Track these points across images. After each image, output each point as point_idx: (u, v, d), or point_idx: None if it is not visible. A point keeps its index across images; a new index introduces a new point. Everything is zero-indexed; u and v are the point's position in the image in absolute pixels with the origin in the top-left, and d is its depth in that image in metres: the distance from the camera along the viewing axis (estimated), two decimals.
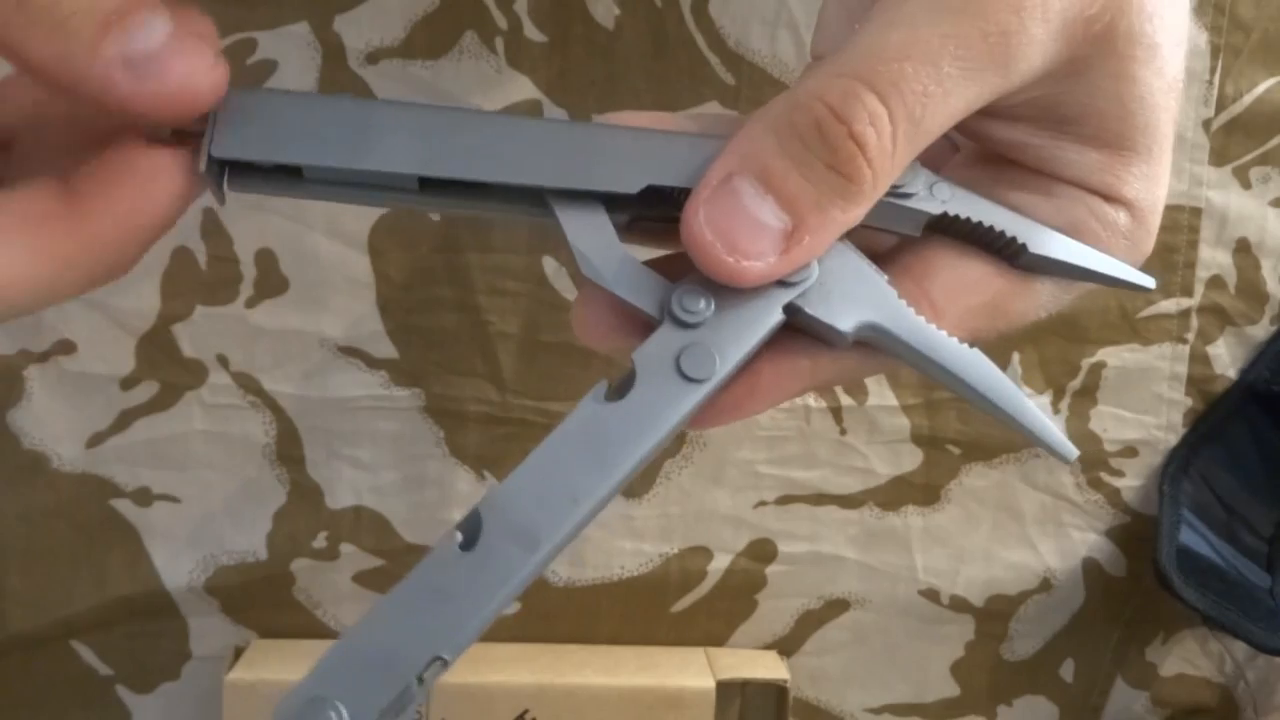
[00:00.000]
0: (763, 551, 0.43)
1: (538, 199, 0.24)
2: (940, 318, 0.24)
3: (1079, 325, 0.42)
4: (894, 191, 0.24)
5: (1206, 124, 0.41)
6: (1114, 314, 0.42)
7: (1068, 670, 0.45)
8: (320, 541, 0.40)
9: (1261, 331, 0.43)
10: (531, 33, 0.38)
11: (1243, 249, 0.43)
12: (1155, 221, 0.25)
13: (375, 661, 0.21)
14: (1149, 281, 0.25)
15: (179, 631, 0.40)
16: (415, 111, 0.23)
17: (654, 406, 0.23)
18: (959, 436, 0.42)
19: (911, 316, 0.24)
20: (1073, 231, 0.25)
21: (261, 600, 0.40)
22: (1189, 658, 0.46)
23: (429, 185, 0.25)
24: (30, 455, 0.39)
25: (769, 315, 0.23)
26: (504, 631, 0.42)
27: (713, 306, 0.23)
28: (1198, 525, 0.43)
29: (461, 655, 0.21)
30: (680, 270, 0.24)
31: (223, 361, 0.39)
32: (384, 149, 0.23)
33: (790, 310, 0.24)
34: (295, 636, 0.41)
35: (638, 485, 0.41)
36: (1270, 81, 0.42)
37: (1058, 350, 0.42)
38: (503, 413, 0.40)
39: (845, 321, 0.24)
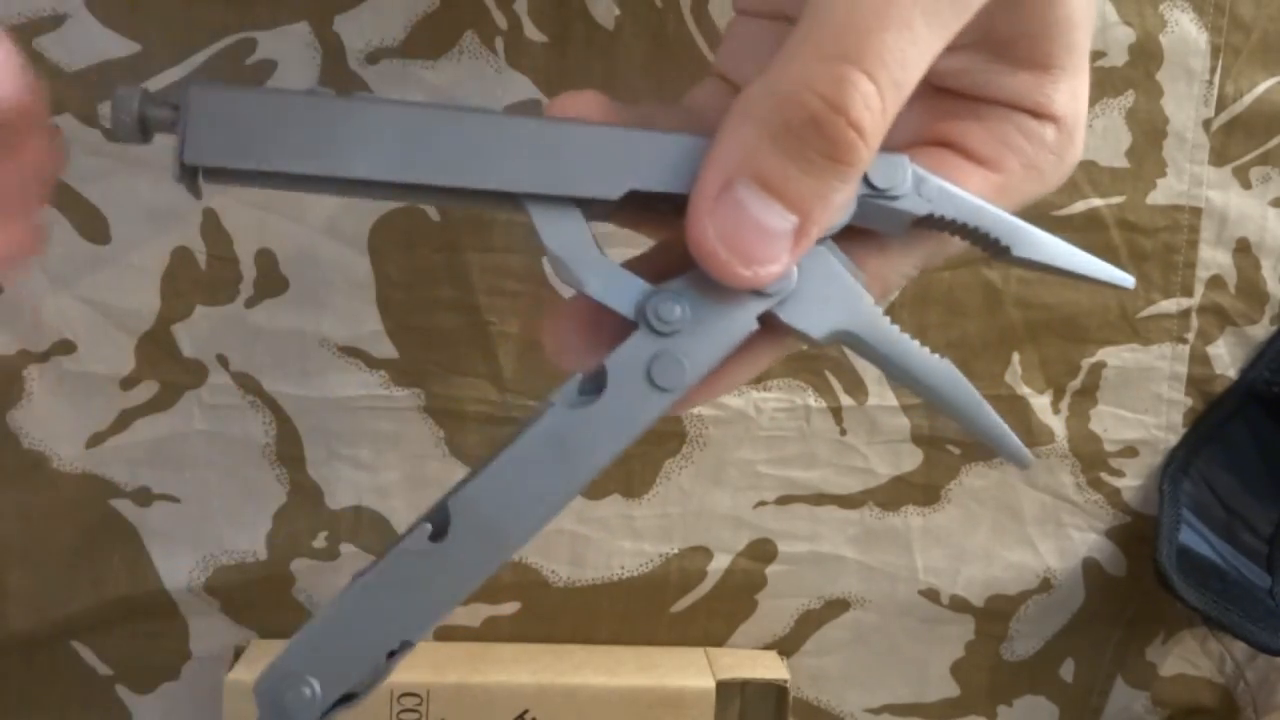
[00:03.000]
0: (763, 551, 0.43)
1: (516, 201, 0.24)
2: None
3: (1079, 325, 0.42)
4: (883, 194, 0.24)
5: (1206, 124, 0.41)
6: (1114, 314, 0.42)
7: (1068, 670, 0.45)
8: (320, 541, 0.40)
9: (1261, 331, 0.43)
10: (531, 32, 0.38)
11: (1243, 249, 0.43)
12: (1080, 134, 0.27)
13: (346, 642, 0.22)
14: (1128, 281, 0.27)
15: (179, 631, 0.40)
16: (389, 111, 0.23)
17: (622, 414, 0.23)
18: (959, 436, 0.42)
19: (885, 325, 0.24)
20: (1004, 148, 0.26)
21: (261, 600, 0.40)
22: (1189, 658, 0.46)
23: (405, 185, 0.25)
24: (30, 455, 0.38)
25: (744, 324, 0.24)
26: (504, 631, 0.42)
27: (688, 314, 0.24)
28: (1198, 525, 0.43)
29: (424, 634, 0.23)
30: (658, 267, 0.24)
31: (223, 361, 0.39)
32: (357, 155, 0.23)
33: (765, 318, 0.24)
34: None
35: (638, 485, 0.41)
36: (1270, 81, 0.42)
37: (1058, 350, 0.42)
38: (503, 413, 0.40)
39: (819, 329, 0.24)
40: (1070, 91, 0.26)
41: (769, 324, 0.24)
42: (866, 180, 0.24)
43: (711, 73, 0.29)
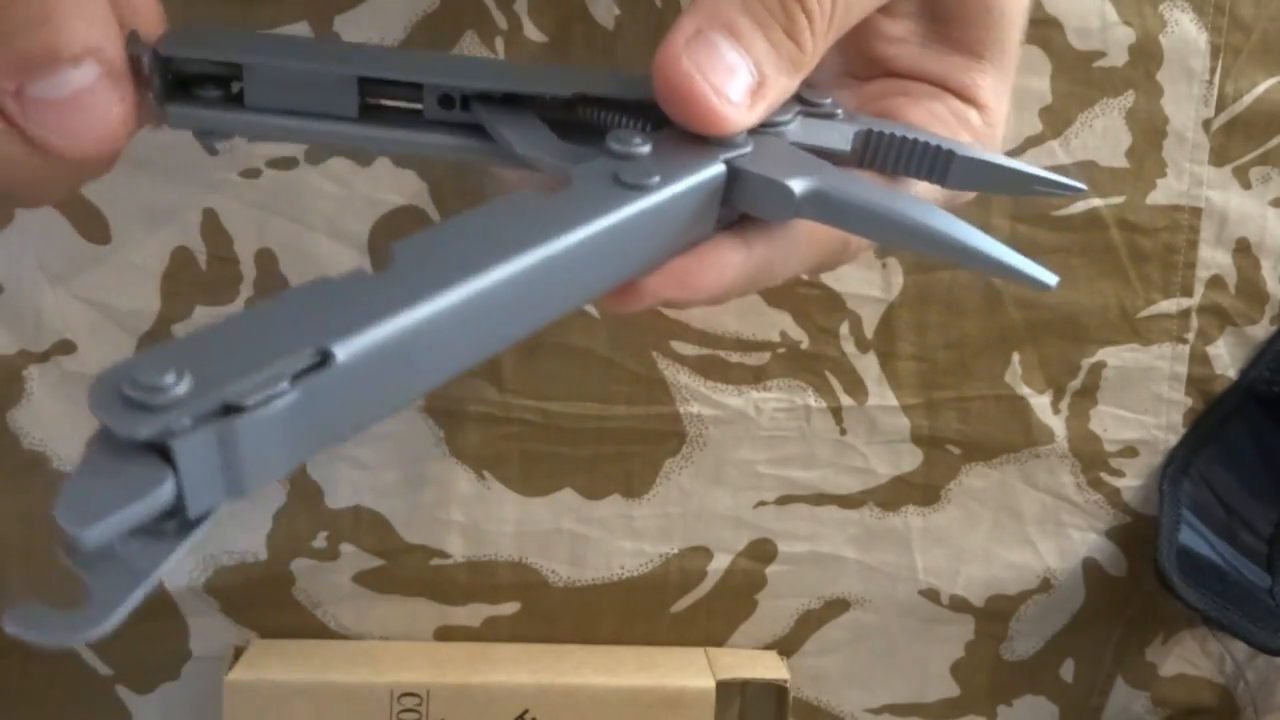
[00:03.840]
0: (763, 551, 0.43)
1: (471, 130, 0.25)
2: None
3: (1079, 325, 0.42)
4: (820, 109, 0.25)
5: (1206, 124, 0.41)
6: (1114, 314, 0.42)
7: (1068, 670, 0.45)
8: (320, 541, 0.40)
9: (1261, 331, 0.43)
10: (531, 33, 0.38)
11: (1243, 249, 0.43)
12: (1000, 131, 0.28)
13: (239, 345, 0.17)
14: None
15: (179, 631, 0.40)
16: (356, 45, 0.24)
17: (590, 202, 0.21)
18: (959, 436, 0.42)
19: (856, 179, 0.23)
20: (932, 120, 0.27)
21: (261, 600, 0.40)
22: (1189, 658, 0.46)
23: (369, 114, 0.25)
24: (30, 455, 0.38)
25: (710, 165, 0.23)
26: (504, 631, 0.42)
27: (648, 148, 0.23)
28: (1198, 525, 0.43)
29: (352, 358, 0.17)
30: None
31: None
32: (325, 56, 0.24)
33: (732, 172, 0.23)
34: (295, 636, 0.41)
35: (638, 485, 0.41)
36: (1270, 81, 0.42)
37: (1058, 350, 0.42)
38: (503, 413, 0.40)
39: (790, 183, 0.23)
40: (994, 87, 0.28)
41: (736, 205, 0.23)
42: (801, 99, 0.25)
43: None
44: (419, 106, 0.25)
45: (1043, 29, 0.40)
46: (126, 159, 0.36)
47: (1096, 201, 0.41)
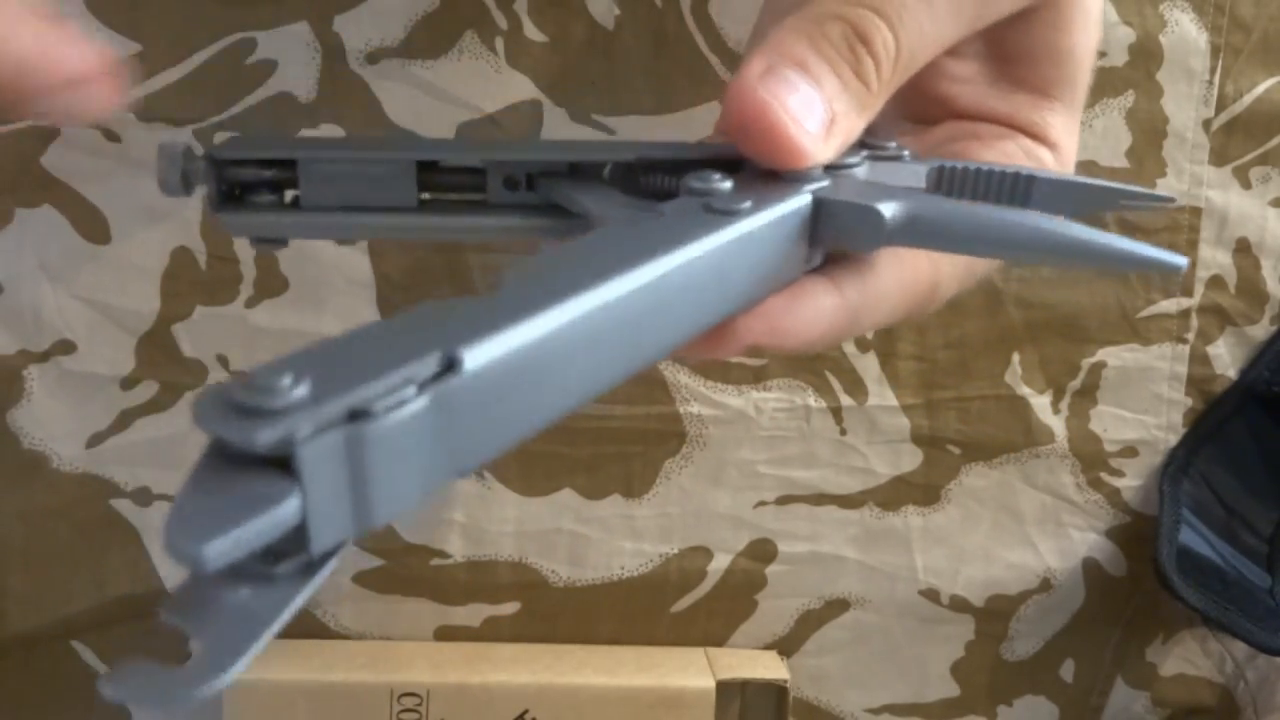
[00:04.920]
0: (763, 551, 0.43)
1: (538, 209, 0.24)
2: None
3: (1079, 325, 0.42)
4: (887, 152, 0.25)
5: (1206, 124, 0.41)
6: (1114, 314, 0.42)
7: (1068, 670, 0.45)
8: None
9: (1261, 331, 0.43)
10: (531, 32, 0.38)
11: (1243, 249, 0.43)
12: (1072, 169, 0.27)
13: (358, 353, 0.15)
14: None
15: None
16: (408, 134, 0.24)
17: (685, 227, 0.20)
18: (959, 436, 0.42)
19: (943, 199, 0.22)
20: (1003, 161, 0.26)
21: None
22: (1189, 658, 0.46)
23: (428, 204, 0.24)
24: (30, 455, 0.38)
25: (794, 196, 0.22)
26: (504, 631, 0.42)
27: (730, 183, 0.22)
28: (1198, 525, 0.43)
29: (481, 365, 0.16)
30: None
31: (223, 361, 0.39)
32: (382, 145, 0.24)
33: (817, 203, 0.22)
34: (295, 636, 0.41)
35: (638, 485, 0.41)
36: (1270, 81, 0.42)
37: (1058, 350, 0.42)
38: None
39: (881, 205, 0.21)
40: (1065, 125, 0.27)
41: (824, 244, 0.22)
42: (866, 144, 0.25)
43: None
44: (479, 196, 0.25)
45: None
46: (126, 159, 0.37)
47: None
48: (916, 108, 0.28)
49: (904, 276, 0.24)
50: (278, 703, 0.37)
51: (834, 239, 0.22)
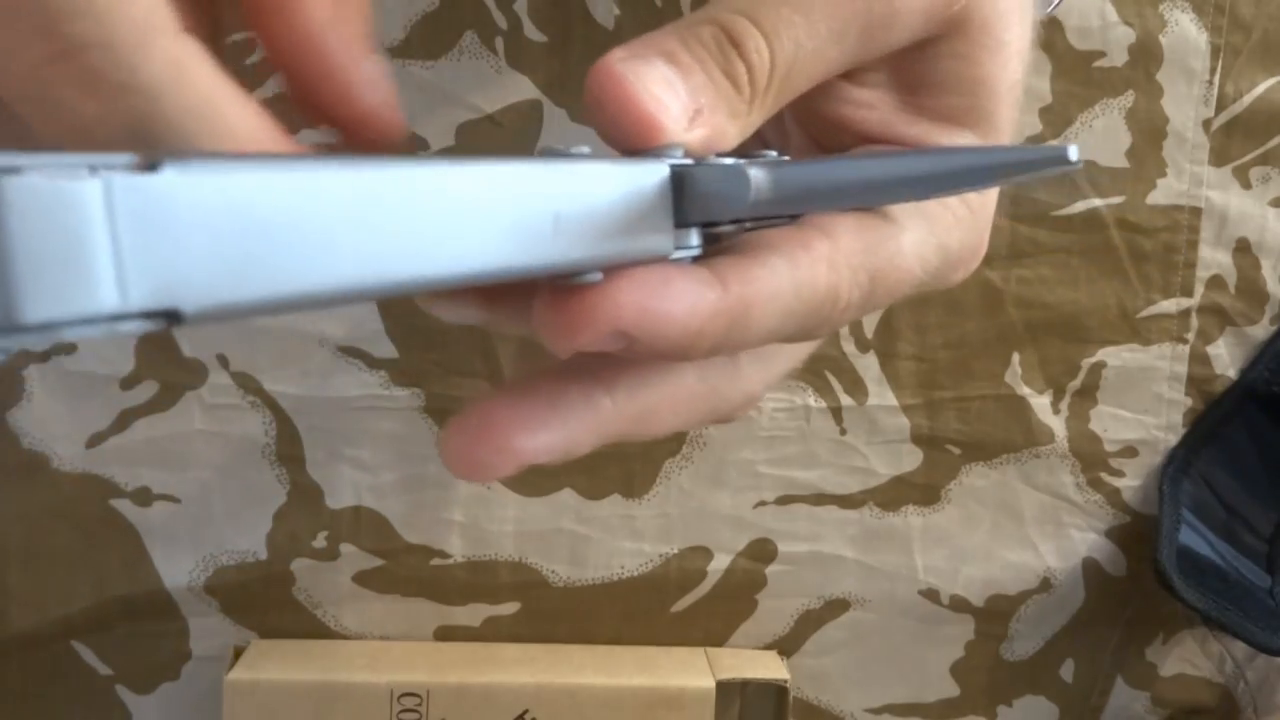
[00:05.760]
0: (763, 551, 0.43)
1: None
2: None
3: (1079, 325, 0.42)
4: (764, 160, 0.23)
5: (1206, 124, 0.41)
6: (1114, 314, 0.42)
7: (1068, 670, 0.45)
8: (320, 541, 0.40)
9: (1261, 331, 0.43)
10: (531, 33, 0.38)
11: (1243, 249, 0.43)
12: (989, 214, 0.25)
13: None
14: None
15: (179, 631, 0.40)
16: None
17: (503, 155, 0.18)
18: (959, 436, 0.42)
19: (816, 158, 0.21)
20: (910, 206, 0.24)
21: (261, 600, 0.40)
22: (1189, 658, 0.46)
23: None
24: (30, 455, 0.38)
25: (650, 161, 0.20)
26: (504, 631, 0.42)
27: (588, 149, 0.20)
28: (1198, 525, 0.43)
29: (183, 175, 0.14)
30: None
31: (223, 361, 0.39)
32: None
33: (677, 177, 0.20)
34: (295, 636, 0.41)
35: (638, 485, 0.41)
36: (1270, 81, 0.42)
37: (1058, 350, 0.42)
38: None
39: (746, 165, 0.20)
40: None
41: (685, 205, 0.20)
42: (745, 155, 0.22)
43: None
44: None
45: (1043, 29, 0.40)
46: None
47: (1096, 201, 0.41)
48: (827, 137, 0.26)
49: (798, 277, 0.21)
50: (278, 703, 0.37)
51: (699, 210, 0.20)
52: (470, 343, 0.40)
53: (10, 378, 0.38)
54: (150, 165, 0.13)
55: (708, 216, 0.20)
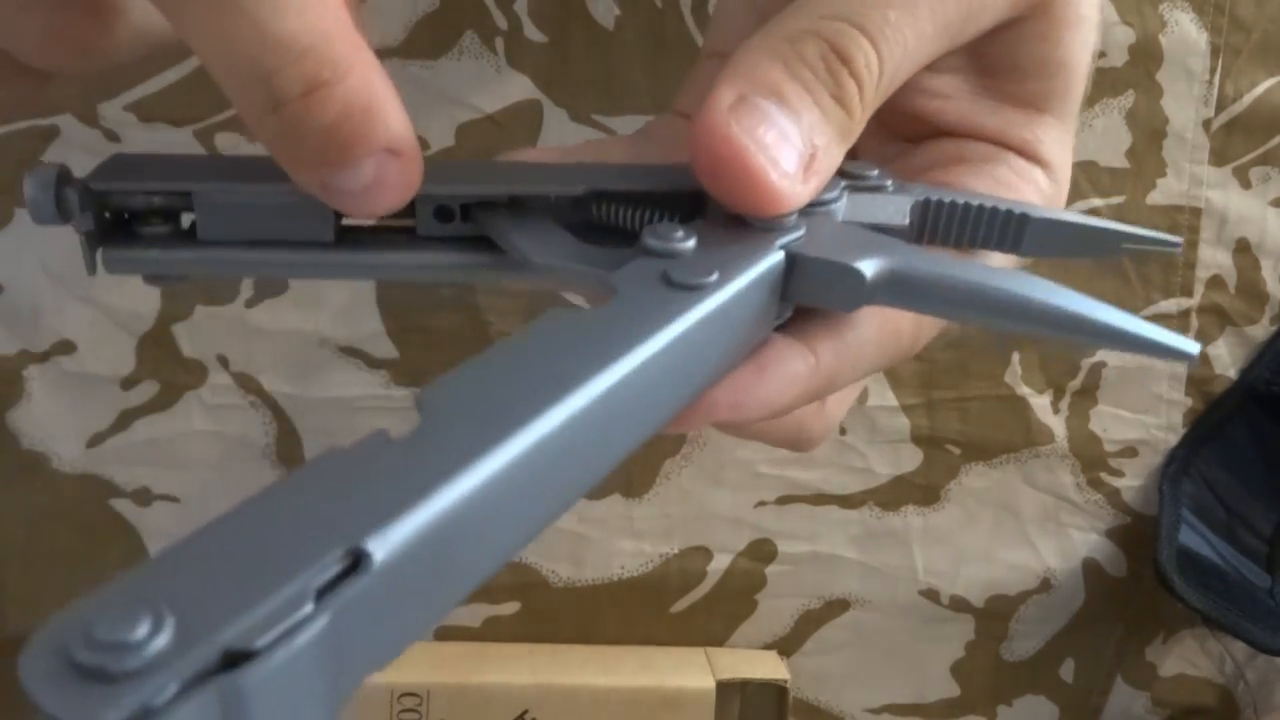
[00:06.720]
0: (763, 551, 0.43)
1: (473, 243, 0.22)
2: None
3: None
4: (867, 181, 0.22)
5: (1206, 124, 0.41)
6: None
7: (1068, 670, 0.45)
8: None
9: (1261, 331, 0.43)
10: (531, 32, 0.38)
11: (1243, 249, 0.43)
12: (1066, 188, 0.25)
13: (235, 558, 0.12)
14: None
15: None
16: None
17: (644, 313, 0.17)
18: (959, 436, 0.42)
19: (930, 254, 0.20)
20: (995, 189, 0.23)
21: None
22: (1189, 658, 0.46)
23: (349, 237, 0.21)
24: (30, 455, 0.38)
25: (766, 254, 0.19)
26: (504, 631, 0.42)
27: (692, 241, 0.19)
28: (1198, 525, 0.43)
29: (393, 555, 0.12)
30: None
31: (223, 361, 0.39)
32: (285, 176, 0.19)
33: (790, 259, 0.20)
34: None
35: (638, 485, 0.41)
36: (1270, 81, 0.42)
37: (1058, 350, 0.42)
38: None
39: (861, 264, 0.19)
40: (1060, 139, 0.25)
41: (796, 299, 0.20)
42: (845, 172, 0.22)
43: (705, 54, 0.28)
44: (409, 223, 0.22)
45: None
46: None
47: (1096, 201, 0.41)
48: (896, 125, 0.25)
49: (885, 330, 0.22)
50: None
51: (809, 296, 0.20)
52: (470, 343, 0.40)
53: (10, 378, 0.38)
54: (355, 559, 0.12)
55: (813, 304, 0.21)
